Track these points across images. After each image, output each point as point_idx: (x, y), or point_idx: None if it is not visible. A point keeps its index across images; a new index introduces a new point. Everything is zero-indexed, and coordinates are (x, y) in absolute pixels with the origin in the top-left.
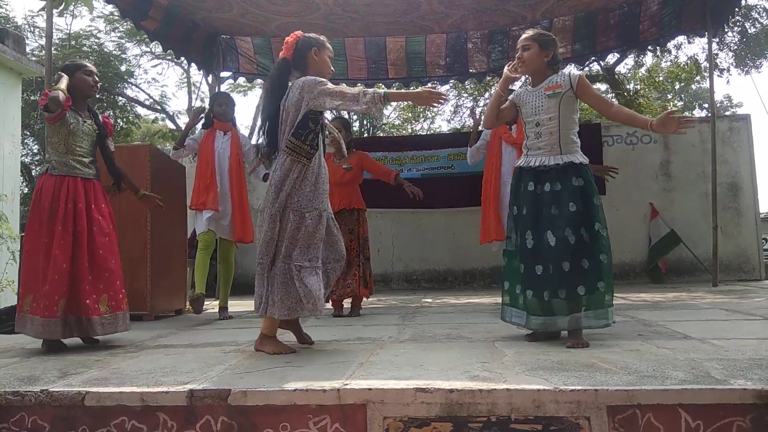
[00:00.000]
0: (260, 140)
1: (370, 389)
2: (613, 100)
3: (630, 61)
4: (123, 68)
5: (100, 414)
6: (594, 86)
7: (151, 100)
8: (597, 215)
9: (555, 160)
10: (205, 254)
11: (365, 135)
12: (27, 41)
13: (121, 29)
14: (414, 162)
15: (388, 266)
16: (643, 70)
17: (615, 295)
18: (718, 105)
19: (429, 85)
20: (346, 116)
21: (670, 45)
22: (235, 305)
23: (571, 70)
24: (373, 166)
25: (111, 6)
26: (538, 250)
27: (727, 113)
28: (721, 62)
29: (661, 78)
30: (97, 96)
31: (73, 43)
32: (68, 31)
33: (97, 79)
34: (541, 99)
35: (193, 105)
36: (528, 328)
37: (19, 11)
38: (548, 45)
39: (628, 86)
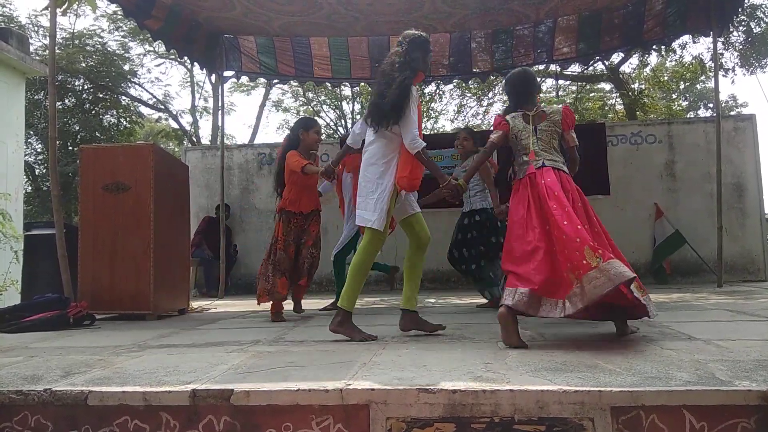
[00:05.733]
0: None
1: (372, 389)
2: (618, 99)
3: (634, 60)
4: (126, 67)
5: (102, 413)
6: (598, 86)
7: (154, 100)
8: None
9: None
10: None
11: None
12: (30, 41)
13: (125, 28)
14: None
15: None
16: (647, 69)
17: None
18: (723, 105)
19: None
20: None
21: (675, 44)
22: (237, 305)
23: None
24: None
25: (114, 5)
26: None
27: (732, 113)
28: (726, 62)
29: (665, 77)
30: (100, 95)
31: (76, 42)
32: (72, 31)
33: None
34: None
35: (196, 104)
36: None
37: (23, 11)
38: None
39: (632, 86)
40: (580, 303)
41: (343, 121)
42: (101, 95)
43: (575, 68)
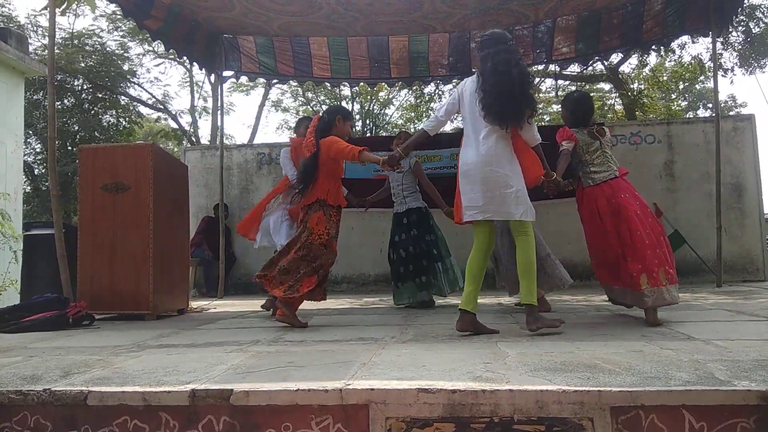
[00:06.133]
0: None
1: (372, 389)
2: (617, 99)
3: (634, 60)
4: (125, 67)
5: (102, 413)
6: (597, 86)
7: (153, 100)
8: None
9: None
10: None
11: (368, 134)
12: (30, 40)
13: (124, 28)
14: None
15: None
16: (646, 69)
17: None
18: (722, 105)
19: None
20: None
21: (674, 44)
22: (237, 305)
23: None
24: None
25: (113, 5)
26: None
27: (731, 113)
28: (725, 62)
29: (665, 78)
30: (99, 95)
31: (75, 42)
32: (71, 30)
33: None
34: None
35: (195, 104)
36: None
37: (22, 10)
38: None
39: (631, 86)
40: (651, 303)
41: None
42: (100, 95)
43: (574, 68)
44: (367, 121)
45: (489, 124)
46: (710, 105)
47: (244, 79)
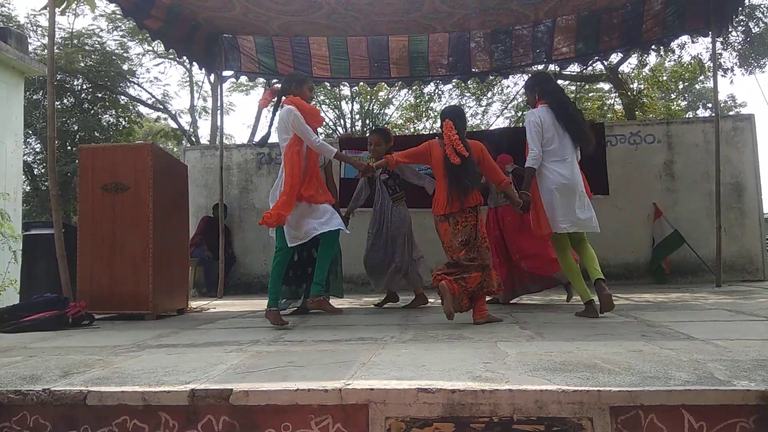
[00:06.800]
0: None
1: (372, 389)
2: (617, 99)
3: (633, 60)
4: (125, 67)
5: (101, 413)
6: (597, 86)
7: (153, 99)
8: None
9: None
10: None
11: (367, 135)
12: (29, 40)
13: (123, 28)
14: None
15: None
16: (646, 69)
17: (618, 295)
18: (721, 105)
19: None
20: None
21: (674, 44)
22: (237, 305)
23: None
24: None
25: (113, 5)
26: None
27: (731, 113)
28: (724, 62)
29: (664, 77)
30: (99, 95)
31: (75, 42)
32: (71, 30)
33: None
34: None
35: (195, 104)
36: None
37: (22, 10)
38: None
39: (631, 86)
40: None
41: (342, 121)
42: (100, 95)
43: (574, 68)
44: (367, 121)
45: (575, 147)
46: (710, 105)
47: (243, 78)
